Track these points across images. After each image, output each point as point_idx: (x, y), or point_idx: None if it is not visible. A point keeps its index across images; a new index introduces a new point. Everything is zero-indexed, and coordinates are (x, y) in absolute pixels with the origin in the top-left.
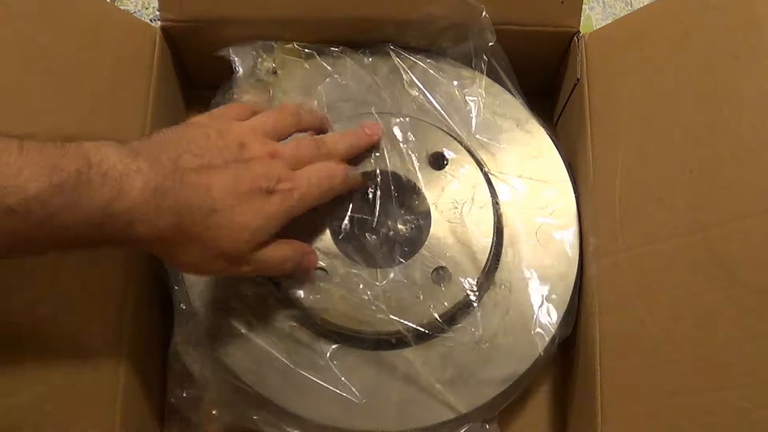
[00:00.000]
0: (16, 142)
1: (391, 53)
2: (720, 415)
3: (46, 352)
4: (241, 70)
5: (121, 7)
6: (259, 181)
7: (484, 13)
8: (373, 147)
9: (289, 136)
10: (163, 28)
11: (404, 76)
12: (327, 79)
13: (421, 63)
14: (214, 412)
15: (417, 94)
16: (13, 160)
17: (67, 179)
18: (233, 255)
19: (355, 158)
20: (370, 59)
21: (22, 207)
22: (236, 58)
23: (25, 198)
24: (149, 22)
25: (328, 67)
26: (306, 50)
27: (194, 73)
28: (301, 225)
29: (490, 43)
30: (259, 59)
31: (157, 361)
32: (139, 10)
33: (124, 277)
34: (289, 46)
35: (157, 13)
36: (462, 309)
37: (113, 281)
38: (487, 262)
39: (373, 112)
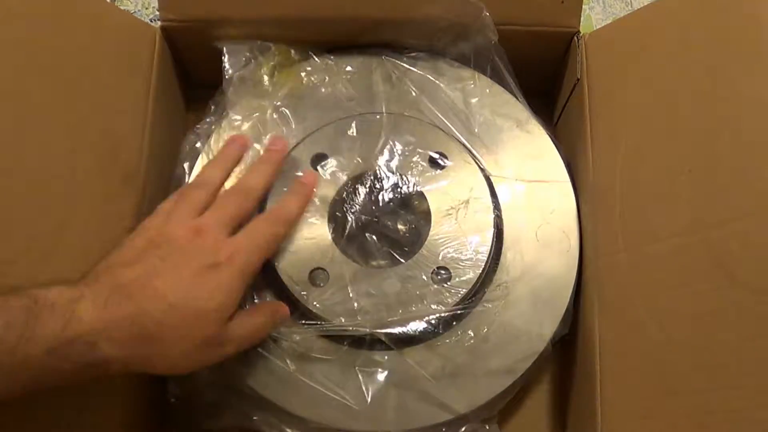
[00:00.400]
0: None
1: (391, 53)
2: (720, 415)
3: None
4: (229, 69)
5: (121, 7)
6: (199, 260)
7: (485, 12)
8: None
9: (209, 203)
10: (163, 28)
11: (404, 77)
12: (327, 79)
13: (421, 63)
14: (214, 412)
15: (417, 94)
16: None
17: (17, 316)
18: (209, 340)
19: (355, 159)
20: (371, 59)
21: None
22: (227, 56)
23: None
24: (149, 22)
25: (328, 67)
26: (307, 51)
27: (194, 73)
28: (301, 226)
29: (492, 42)
30: (254, 61)
31: None
32: (139, 10)
33: None
34: (284, 49)
35: (157, 13)
36: (462, 309)
37: None
38: (486, 262)
39: (374, 111)
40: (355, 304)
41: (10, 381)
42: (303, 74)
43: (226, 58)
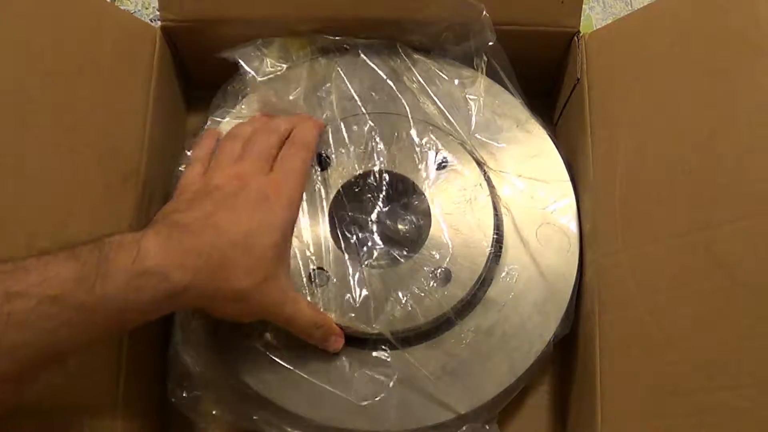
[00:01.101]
0: (33, 256)
1: (392, 53)
2: (720, 415)
3: None
4: (249, 72)
5: (121, 7)
6: (250, 201)
7: (484, 13)
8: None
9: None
10: (163, 28)
11: (404, 76)
12: (327, 79)
13: (421, 63)
14: (214, 412)
15: (417, 93)
16: (37, 262)
17: (89, 256)
18: (270, 280)
19: (355, 159)
20: (370, 59)
21: (62, 291)
22: (241, 61)
23: (61, 282)
24: (149, 22)
25: (328, 67)
26: (312, 42)
27: (194, 73)
28: (301, 226)
29: (490, 43)
30: (262, 56)
31: (157, 361)
32: (139, 10)
33: None
34: (297, 39)
35: (157, 13)
36: (462, 309)
37: None
38: (486, 262)
39: (374, 111)
40: (356, 304)
41: (94, 321)
42: (304, 73)
43: (241, 62)
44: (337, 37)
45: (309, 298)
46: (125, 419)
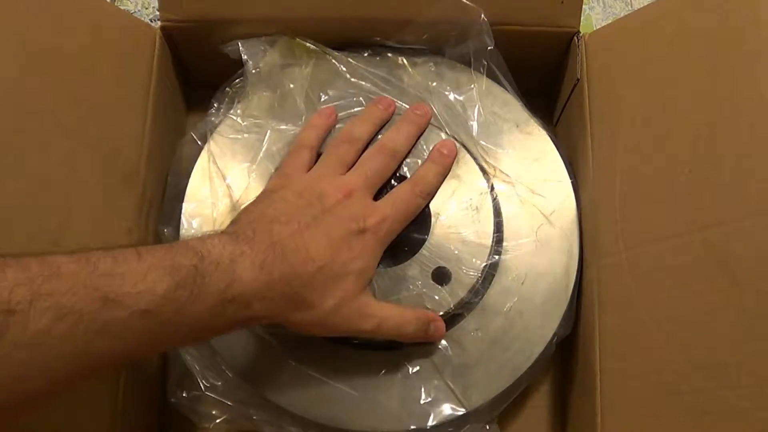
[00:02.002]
0: (133, 250)
1: (391, 54)
2: (720, 415)
3: None
4: (251, 64)
5: (121, 7)
6: (348, 225)
7: (482, 17)
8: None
9: (356, 159)
10: (163, 28)
11: (404, 78)
12: (335, 80)
13: (421, 64)
14: (214, 412)
15: (417, 94)
16: (136, 266)
17: (186, 275)
18: (347, 303)
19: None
20: (370, 60)
21: (154, 307)
22: (245, 53)
23: (155, 298)
24: (149, 22)
25: (338, 67)
26: (310, 47)
27: (194, 73)
28: None
29: (489, 48)
30: (266, 52)
31: (157, 361)
32: (139, 10)
33: None
34: (298, 42)
35: (157, 13)
36: (462, 309)
37: None
38: (487, 262)
39: None
40: None
41: (175, 334)
42: (306, 73)
43: (245, 57)
44: (337, 51)
45: None
46: (125, 419)
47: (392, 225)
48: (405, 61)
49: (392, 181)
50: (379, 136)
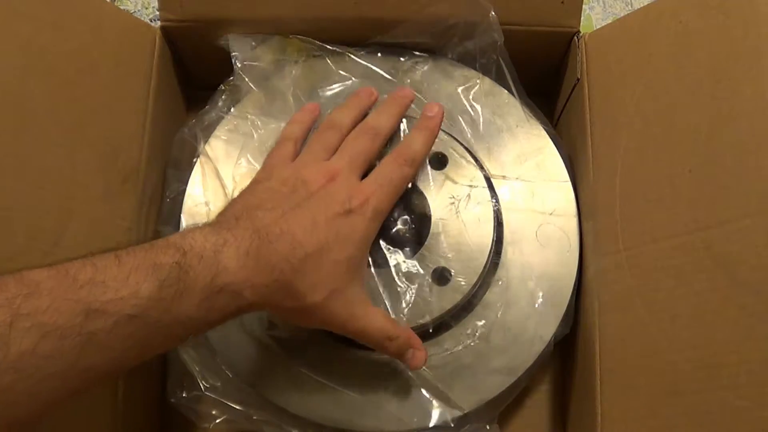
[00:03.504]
0: (112, 255)
1: (392, 52)
2: (720, 415)
3: None
4: (240, 58)
5: (121, 7)
6: (333, 207)
7: (492, 13)
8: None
9: (339, 144)
10: (163, 28)
11: (406, 76)
12: (328, 78)
13: (422, 63)
14: (214, 412)
15: (418, 93)
16: (117, 272)
17: (169, 273)
18: (338, 293)
19: None
20: (372, 59)
21: (140, 310)
22: (233, 48)
23: (140, 301)
24: (149, 22)
25: (331, 66)
26: (308, 45)
27: (194, 73)
28: None
29: (498, 43)
30: (253, 45)
31: (157, 361)
32: (139, 10)
33: None
34: (294, 40)
35: (157, 13)
36: (462, 309)
37: None
38: (487, 262)
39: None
40: None
41: (166, 336)
42: (305, 72)
43: (233, 51)
44: (335, 48)
45: None
46: (125, 419)
47: (379, 202)
48: (405, 59)
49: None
50: None
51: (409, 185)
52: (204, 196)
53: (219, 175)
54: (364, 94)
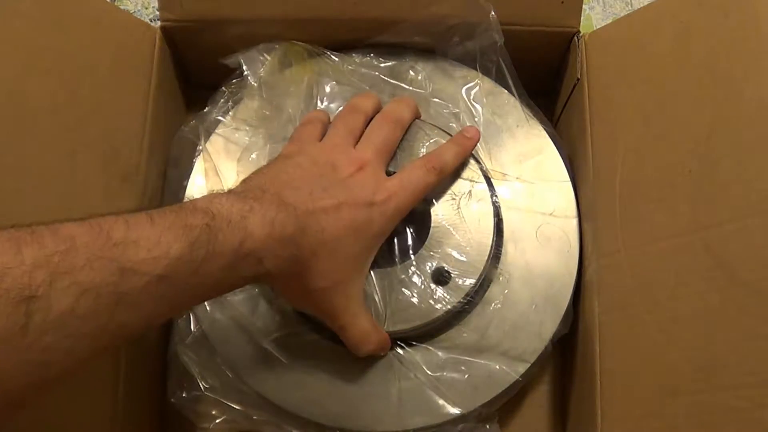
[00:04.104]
0: (144, 214)
1: (393, 53)
2: (720, 415)
3: None
4: (252, 76)
5: (121, 7)
6: (358, 197)
7: (492, 13)
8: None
9: (363, 128)
10: (163, 28)
11: (407, 76)
12: (329, 80)
13: (422, 63)
14: (214, 412)
15: (419, 93)
16: (150, 231)
17: (200, 235)
18: (345, 283)
19: None
20: (372, 59)
21: (170, 271)
22: (246, 65)
23: (171, 262)
24: (149, 22)
25: (331, 68)
26: (308, 50)
27: (194, 73)
28: None
29: (498, 43)
30: (266, 61)
31: (157, 361)
32: (139, 10)
33: None
34: (296, 47)
35: (157, 13)
36: (461, 309)
37: None
38: (486, 262)
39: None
40: None
41: (191, 296)
42: (306, 75)
43: (245, 69)
44: (334, 55)
45: None
46: (125, 419)
47: (400, 202)
48: (405, 59)
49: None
50: None
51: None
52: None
53: (219, 175)
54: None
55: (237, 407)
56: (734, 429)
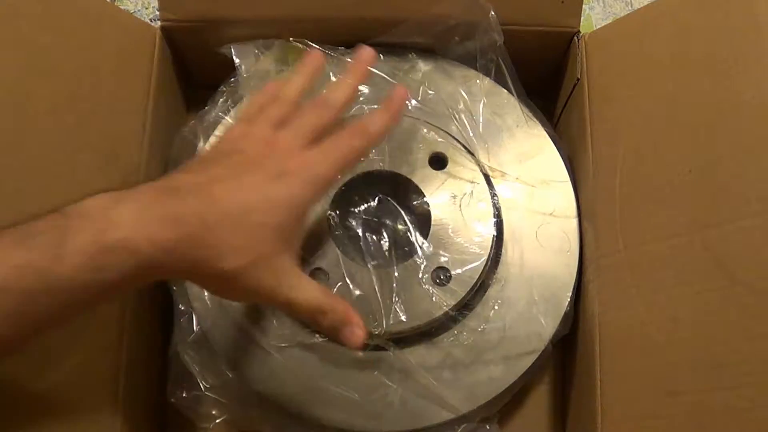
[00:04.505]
0: None
1: (393, 52)
2: (720, 415)
3: (46, 351)
4: (243, 68)
5: (121, 7)
6: (265, 170)
7: (492, 13)
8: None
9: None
10: (163, 28)
11: (406, 76)
12: (328, 80)
13: (422, 63)
14: (214, 412)
15: (419, 93)
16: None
17: (41, 239)
18: (266, 261)
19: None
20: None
21: (12, 280)
22: (237, 57)
23: (8, 270)
24: (149, 22)
25: (330, 68)
26: (308, 48)
27: (194, 73)
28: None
29: (498, 44)
30: (261, 56)
31: (157, 361)
32: (139, 10)
33: None
34: (295, 44)
35: (157, 13)
36: (461, 309)
37: None
38: (487, 262)
39: None
40: (355, 305)
41: (49, 307)
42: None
43: (237, 60)
44: (334, 54)
45: None
46: (125, 419)
47: (321, 169)
48: (405, 59)
49: None
50: None
51: (410, 187)
52: None
53: None
54: (311, 60)
55: (237, 407)
56: (734, 429)
